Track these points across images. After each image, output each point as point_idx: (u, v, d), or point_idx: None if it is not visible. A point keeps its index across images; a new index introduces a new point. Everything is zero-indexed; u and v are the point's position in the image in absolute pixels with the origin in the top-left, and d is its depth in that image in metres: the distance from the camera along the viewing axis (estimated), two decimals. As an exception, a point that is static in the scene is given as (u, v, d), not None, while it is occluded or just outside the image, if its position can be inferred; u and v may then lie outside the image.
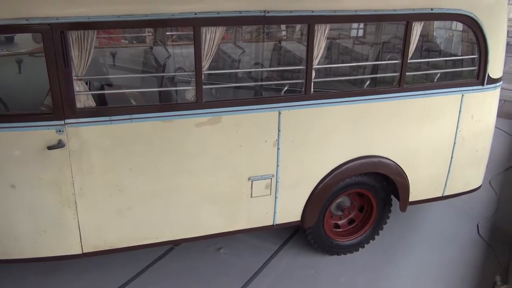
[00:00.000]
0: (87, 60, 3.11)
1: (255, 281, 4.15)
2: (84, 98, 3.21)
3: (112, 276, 4.09)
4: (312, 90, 3.63)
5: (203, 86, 3.36)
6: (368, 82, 4.03)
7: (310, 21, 3.44)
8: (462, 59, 4.49)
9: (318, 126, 3.77)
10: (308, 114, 3.70)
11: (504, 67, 4.34)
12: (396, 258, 4.52)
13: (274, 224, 4.03)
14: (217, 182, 3.69)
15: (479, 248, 4.69)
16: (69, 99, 3.12)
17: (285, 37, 5.91)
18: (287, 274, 4.25)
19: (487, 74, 4.11)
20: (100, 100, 3.62)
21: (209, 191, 3.70)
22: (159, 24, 3.63)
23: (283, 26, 5.83)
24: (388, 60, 4.51)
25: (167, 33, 5.36)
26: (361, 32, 5.86)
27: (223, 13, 3.22)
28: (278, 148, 3.72)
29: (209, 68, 3.43)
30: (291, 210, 4.04)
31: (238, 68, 4.86)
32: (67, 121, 3.16)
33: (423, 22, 3.82)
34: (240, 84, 4.39)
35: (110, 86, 4.43)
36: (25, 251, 3.49)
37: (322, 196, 4.02)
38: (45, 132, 3.16)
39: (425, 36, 4.88)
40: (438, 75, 4.16)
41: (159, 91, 4.21)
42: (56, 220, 3.41)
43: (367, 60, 5.06)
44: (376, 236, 4.57)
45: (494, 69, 4.14)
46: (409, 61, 3.86)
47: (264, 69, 4.75)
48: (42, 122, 3.15)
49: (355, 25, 5.79)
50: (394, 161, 4.13)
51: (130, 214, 3.56)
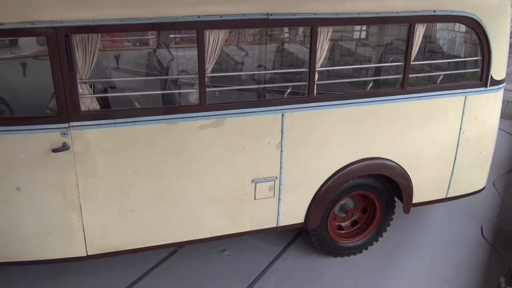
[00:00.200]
0: (91, 63, 3.13)
1: (259, 283, 4.15)
2: (89, 101, 3.23)
3: (117, 278, 4.11)
4: (315, 92, 3.65)
5: (207, 89, 3.37)
6: (371, 84, 4.04)
7: (313, 24, 3.45)
8: (465, 61, 4.49)
9: (321, 128, 3.78)
10: (311, 116, 3.70)
11: (507, 69, 4.35)
12: (400, 260, 4.52)
13: (278, 226, 4.04)
14: (221, 184, 3.70)
15: (483, 250, 4.69)
16: (74, 102, 3.14)
17: (288, 39, 5.92)
18: (291, 276, 4.25)
19: (490, 76, 4.11)
20: (104, 103, 3.65)
21: (213, 193, 3.71)
22: (163, 27, 3.66)
23: (286, 28, 5.83)
24: (391, 62, 4.51)
25: (171, 36, 5.38)
26: (364, 34, 5.86)
27: (226, 16, 3.24)
28: (282, 150, 3.73)
29: (213, 71, 3.44)
30: (295, 212, 4.04)
31: (241, 71, 4.87)
32: (72, 124, 3.18)
33: (426, 24, 3.82)
34: (244, 87, 4.40)
35: (114, 89, 4.45)
36: (31, 254, 3.51)
37: (326, 198, 4.03)
38: (50, 135, 3.18)
39: (428, 38, 4.88)
40: (441, 77, 4.17)
41: (163, 94, 4.23)
42: (61, 223, 3.43)
43: (370, 62, 5.06)
44: (380, 238, 4.57)
45: (497, 71, 4.14)
46: (412, 63, 3.87)
47: (268, 72, 4.75)
48: (47, 125, 3.17)
49: (358, 27, 5.79)
50: (398, 163, 4.13)
51: (134, 216, 3.57)
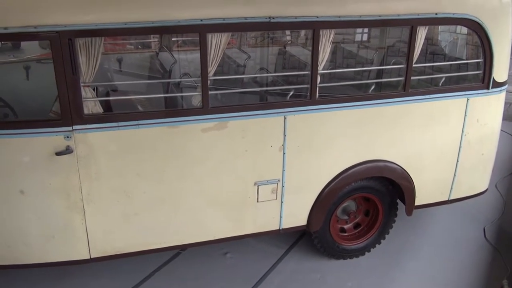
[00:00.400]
0: (95, 67, 3.15)
1: (262, 285, 4.15)
2: (92, 104, 3.24)
3: (120, 281, 4.11)
4: (318, 95, 3.66)
5: (209, 92, 3.39)
6: (373, 87, 4.04)
7: (315, 27, 3.46)
8: (467, 63, 4.49)
9: (324, 131, 3.78)
10: (314, 119, 3.71)
11: (510, 71, 4.35)
12: (402, 262, 4.52)
13: (280, 229, 4.04)
14: (224, 187, 3.70)
15: (486, 252, 4.68)
16: (77, 106, 3.15)
17: (290, 42, 5.93)
18: (293, 278, 4.26)
19: (492, 78, 4.12)
20: (107, 106, 3.66)
21: (216, 196, 3.71)
22: (166, 31, 3.66)
23: (288, 31, 5.84)
24: (393, 64, 4.52)
25: (173, 39, 5.39)
26: (366, 36, 5.87)
27: (229, 20, 3.25)
28: (284, 153, 3.74)
29: (215, 74, 3.45)
30: (297, 215, 4.05)
31: (244, 73, 4.88)
32: (75, 127, 3.19)
33: (428, 27, 3.83)
34: (246, 90, 4.41)
35: (116, 92, 4.47)
36: (34, 256, 3.52)
37: (328, 201, 4.03)
38: (54, 138, 3.19)
39: (430, 40, 4.89)
40: (443, 79, 4.17)
41: (165, 97, 4.24)
42: (64, 226, 3.44)
43: (372, 64, 5.07)
44: (382, 240, 4.57)
45: (499, 73, 4.14)
46: (414, 66, 3.87)
47: (271, 74, 4.77)
48: (51, 129, 3.18)
49: (360, 30, 5.80)
50: (400, 165, 4.13)
51: (137, 219, 3.58)
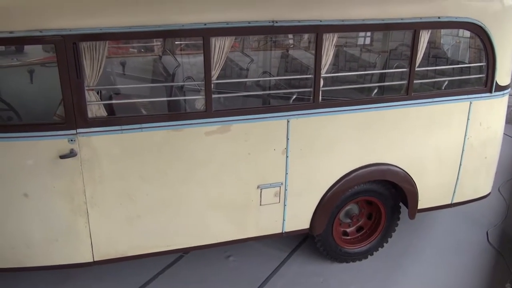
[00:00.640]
0: (99, 71, 3.16)
1: (265, 289, 4.17)
2: (96, 108, 3.26)
3: (122, 284, 4.12)
4: (321, 98, 3.66)
5: (213, 95, 3.40)
6: (376, 90, 4.05)
7: (318, 31, 3.47)
8: (470, 67, 4.50)
9: (327, 134, 3.79)
10: (317, 122, 3.72)
11: (512, 74, 4.36)
12: (405, 266, 4.51)
13: (283, 232, 4.04)
14: (227, 190, 3.71)
15: (489, 256, 4.67)
16: (81, 109, 3.17)
17: (293, 45, 5.94)
18: (296, 282, 4.25)
19: (495, 82, 4.12)
20: (111, 110, 3.67)
21: (219, 199, 3.72)
22: (170, 35, 3.68)
23: (291, 35, 5.86)
24: (396, 68, 4.53)
25: (176, 43, 5.41)
26: (368, 40, 5.88)
27: (232, 24, 3.26)
28: (287, 156, 3.74)
29: (218, 77, 3.46)
30: (300, 218, 4.05)
31: (247, 77, 4.89)
32: (79, 131, 3.20)
33: (431, 30, 3.84)
34: (249, 93, 4.42)
35: (120, 95, 4.48)
36: (37, 259, 3.53)
37: (331, 204, 4.03)
38: (58, 142, 3.20)
39: (432, 43, 4.89)
40: (446, 83, 4.18)
41: (169, 100, 4.25)
42: (68, 228, 3.45)
43: (375, 68, 5.08)
44: (385, 244, 4.57)
45: (502, 76, 4.15)
46: (417, 69, 3.88)
47: (274, 78, 4.78)
48: (55, 132, 3.19)
49: (362, 33, 5.82)
50: (403, 169, 4.13)
51: (141, 222, 3.59)
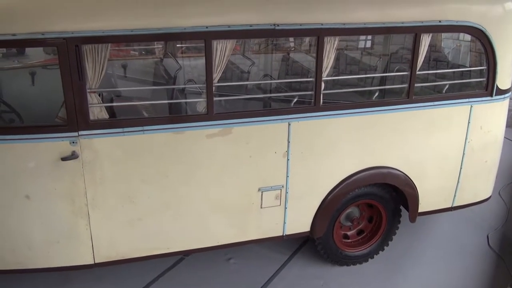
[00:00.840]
0: (101, 73, 3.17)
1: (265, 292, 4.17)
2: (98, 110, 3.27)
3: (123, 286, 4.12)
4: (322, 102, 3.67)
5: (214, 98, 3.40)
6: (377, 93, 4.06)
7: (320, 34, 3.48)
8: (470, 70, 4.50)
9: (328, 137, 3.80)
10: (318, 125, 3.73)
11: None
12: (405, 269, 4.51)
13: (284, 235, 4.05)
14: (228, 193, 3.72)
15: (489, 259, 4.67)
16: (83, 111, 3.17)
17: (294, 49, 5.95)
18: (297, 284, 4.25)
19: (496, 85, 4.13)
20: (112, 112, 3.68)
21: (220, 202, 3.72)
22: (171, 38, 3.68)
23: (291, 38, 5.87)
24: (397, 71, 4.53)
25: (177, 45, 5.42)
26: (369, 43, 5.89)
27: (234, 27, 3.27)
28: (288, 159, 3.75)
29: (219, 80, 3.47)
30: (301, 221, 4.05)
31: (248, 80, 4.90)
32: (81, 133, 3.21)
33: (432, 34, 3.85)
34: (250, 96, 4.43)
35: (121, 97, 4.49)
36: (38, 261, 3.53)
37: (332, 207, 4.04)
38: (59, 144, 3.21)
39: (433, 47, 4.91)
40: (447, 86, 4.18)
41: (170, 103, 4.25)
42: (69, 231, 3.45)
43: (376, 71, 5.08)
44: (385, 247, 4.57)
45: (503, 80, 4.16)
46: (418, 73, 3.89)
47: (275, 81, 4.79)
48: (57, 134, 3.20)
49: (363, 36, 5.83)
50: (403, 172, 4.14)
51: (142, 225, 3.59)
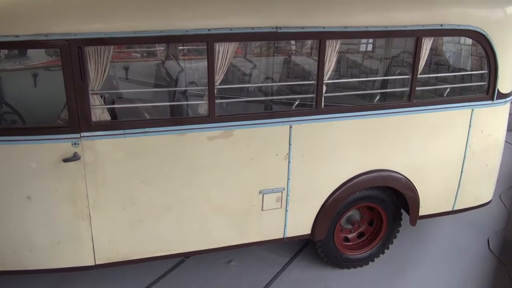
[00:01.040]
0: (103, 75, 3.18)
1: (265, 294, 4.17)
2: (100, 112, 3.27)
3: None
4: (323, 104, 3.68)
5: (216, 100, 3.42)
6: (379, 97, 4.07)
7: (322, 37, 3.49)
8: (472, 74, 4.51)
9: (329, 140, 3.80)
10: (319, 128, 3.73)
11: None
12: (406, 272, 4.50)
13: (285, 237, 4.05)
14: (229, 195, 3.72)
15: (490, 263, 4.67)
16: (85, 113, 3.18)
17: (295, 51, 5.96)
18: (297, 287, 4.25)
19: (497, 89, 4.13)
20: (114, 114, 3.69)
21: (221, 204, 3.73)
22: (174, 40, 3.70)
23: (293, 41, 5.88)
24: (398, 75, 4.54)
25: (179, 48, 5.43)
26: (371, 47, 5.89)
27: (236, 29, 3.28)
28: (289, 162, 3.76)
29: (221, 83, 3.48)
30: (302, 223, 4.05)
31: (249, 82, 4.91)
32: (83, 134, 3.22)
33: (433, 38, 3.86)
34: (252, 99, 4.43)
35: (123, 99, 4.50)
36: (39, 262, 3.53)
37: (332, 210, 4.04)
38: (61, 145, 3.22)
39: (434, 50, 4.91)
40: (448, 90, 4.19)
41: (172, 105, 4.27)
42: (70, 232, 3.46)
43: (377, 75, 5.09)
44: (386, 250, 4.57)
45: (504, 84, 4.16)
46: (419, 76, 3.90)
47: (276, 84, 4.80)
48: (58, 135, 3.21)
49: (365, 40, 5.83)
50: (404, 175, 4.14)
51: (142, 226, 3.60)
